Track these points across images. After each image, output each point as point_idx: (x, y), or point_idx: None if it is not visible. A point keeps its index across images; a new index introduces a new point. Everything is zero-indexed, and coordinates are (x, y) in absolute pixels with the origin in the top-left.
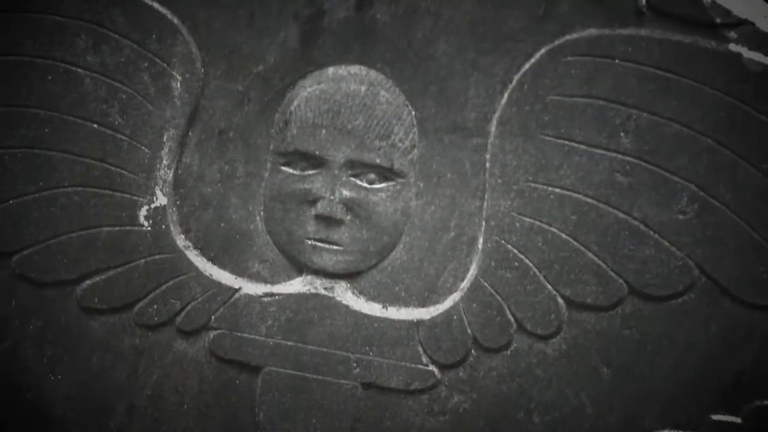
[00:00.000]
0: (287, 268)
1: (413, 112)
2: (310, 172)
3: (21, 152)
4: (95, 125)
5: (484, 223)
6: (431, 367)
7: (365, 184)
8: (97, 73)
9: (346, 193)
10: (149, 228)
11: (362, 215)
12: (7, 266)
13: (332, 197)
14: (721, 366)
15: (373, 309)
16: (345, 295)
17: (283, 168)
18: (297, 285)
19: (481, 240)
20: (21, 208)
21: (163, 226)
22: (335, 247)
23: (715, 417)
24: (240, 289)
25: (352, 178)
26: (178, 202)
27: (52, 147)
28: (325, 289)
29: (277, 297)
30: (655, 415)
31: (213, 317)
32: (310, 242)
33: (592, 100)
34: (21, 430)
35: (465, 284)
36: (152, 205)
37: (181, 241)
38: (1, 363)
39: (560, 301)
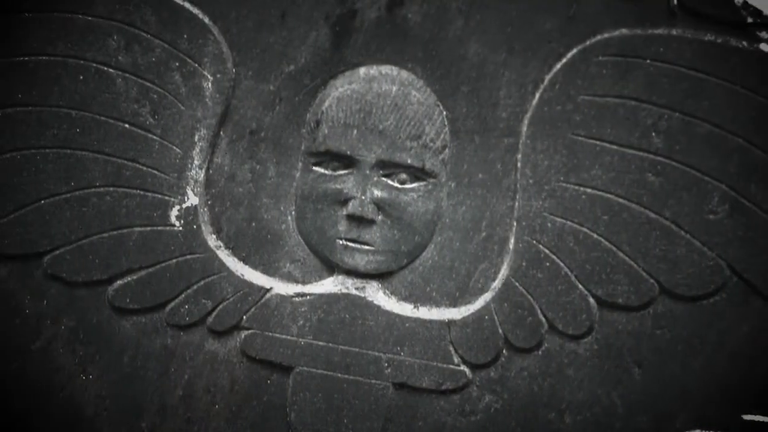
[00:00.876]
0: (318, 268)
1: (444, 112)
2: (342, 172)
3: (53, 152)
4: (127, 125)
5: (515, 223)
6: (462, 367)
7: (396, 184)
8: (129, 73)
9: (377, 193)
10: (181, 228)
11: (394, 215)
12: (38, 266)
13: (363, 197)
14: (753, 366)
15: (405, 309)
16: (376, 295)
17: (315, 168)
18: (328, 285)
19: (512, 240)
20: (53, 208)
21: (195, 226)
22: (366, 247)
23: (747, 417)
24: (271, 289)
25: (384, 178)
26: (209, 202)
27: (84, 147)
28: (357, 289)
29: (308, 297)
30: (686, 415)
31: (244, 317)
32: (341, 242)
33: (624, 100)
34: (53, 429)
35: (496, 284)
36: (184, 205)
37: (212, 241)
38: (34, 363)
39: (591, 301)
